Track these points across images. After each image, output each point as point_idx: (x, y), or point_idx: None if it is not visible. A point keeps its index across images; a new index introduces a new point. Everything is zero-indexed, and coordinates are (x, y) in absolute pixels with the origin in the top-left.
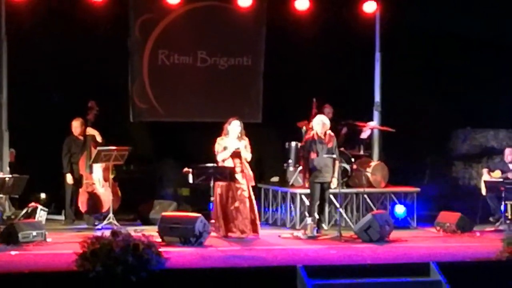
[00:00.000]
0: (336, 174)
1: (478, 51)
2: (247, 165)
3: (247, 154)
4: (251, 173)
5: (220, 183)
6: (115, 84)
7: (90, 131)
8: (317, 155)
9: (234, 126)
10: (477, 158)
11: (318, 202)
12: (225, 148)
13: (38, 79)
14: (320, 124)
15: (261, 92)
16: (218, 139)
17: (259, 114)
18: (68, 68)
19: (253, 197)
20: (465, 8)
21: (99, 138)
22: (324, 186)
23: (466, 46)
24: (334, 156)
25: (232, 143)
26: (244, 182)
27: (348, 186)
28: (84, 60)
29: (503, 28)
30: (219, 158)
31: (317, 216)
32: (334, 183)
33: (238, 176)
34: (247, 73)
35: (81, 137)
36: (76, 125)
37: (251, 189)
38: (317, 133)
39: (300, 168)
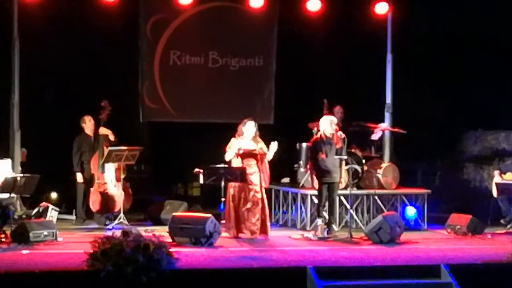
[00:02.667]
0: (343, 175)
1: (489, 52)
2: (267, 166)
3: (269, 155)
4: (268, 175)
5: (233, 184)
6: (127, 84)
7: (103, 130)
8: (326, 156)
9: (249, 127)
10: (488, 160)
11: (326, 203)
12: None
13: (50, 79)
14: (328, 124)
15: (273, 93)
16: (232, 140)
17: (271, 115)
18: (79, 69)
19: (265, 198)
20: (476, 10)
21: (112, 137)
22: (333, 187)
23: (477, 48)
24: (345, 157)
25: (246, 145)
26: (258, 183)
27: (359, 187)
28: (95, 60)
29: None
30: (226, 157)
31: (327, 217)
32: (342, 184)
33: (253, 177)
34: (259, 74)
35: (91, 136)
36: (89, 120)
37: (263, 190)
38: (324, 134)
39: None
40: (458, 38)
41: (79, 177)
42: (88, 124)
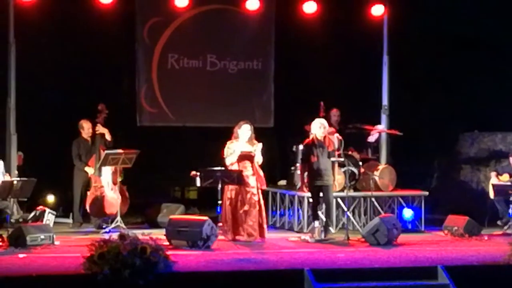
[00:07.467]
0: (338, 177)
1: (486, 54)
2: (259, 168)
3: (259, 158)
4: (263, 176)
5: (231, 186)
6: (124, 88)
7: (100, 129)
8: (317, 159)
9: (245, 130)
10: (485, 161)
11: (320, 206)
12: (234, 152)
13: (46, 83)
14: (320, 127)
15: (272, 96)
16: (228, 143)
17: (271, 118)
18: (76, 72)
19: (262, 200)
20: (473, 11)
21: (108, 137)
22: (326, 190)
23: (474, 49)
24: (342, 159)
25: (242, 147)
26: (255, 185)
27: (355, 189)
28: (92, 64)
29: None
30: (227, 162)
31: (324, 220)
32: (336, 186)
33: (250, 179)
34: (257, 77)
35: (88, 139)
36: (87, 126)
37: (260, 192)
38: (316, 137)
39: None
40: (454, 39)
41: (90, 170)
42: (85, 129)
